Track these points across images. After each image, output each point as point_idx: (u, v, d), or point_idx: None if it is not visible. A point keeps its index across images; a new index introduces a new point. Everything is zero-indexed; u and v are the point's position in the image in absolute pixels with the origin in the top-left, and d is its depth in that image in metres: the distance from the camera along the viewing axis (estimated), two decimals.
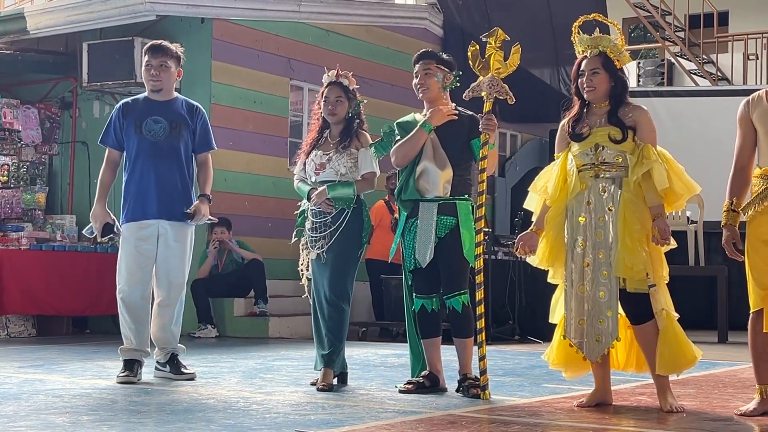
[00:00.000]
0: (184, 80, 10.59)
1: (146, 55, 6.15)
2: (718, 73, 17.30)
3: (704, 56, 17.49)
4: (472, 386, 5.45)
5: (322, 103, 5.97)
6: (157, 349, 6.19)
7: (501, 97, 5.48)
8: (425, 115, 5.73)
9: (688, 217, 11.39)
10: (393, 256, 6.02)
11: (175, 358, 6.16)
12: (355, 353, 7.98)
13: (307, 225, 5.94)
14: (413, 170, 5.69)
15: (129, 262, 6.05)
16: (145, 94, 6.24)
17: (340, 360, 5.84)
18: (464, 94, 5.57)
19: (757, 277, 4.80)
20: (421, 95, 5.75)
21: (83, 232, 6.36)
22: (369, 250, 10.88)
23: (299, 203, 6.08)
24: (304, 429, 4.30)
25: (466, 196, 5.67)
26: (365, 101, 6.10)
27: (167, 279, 6.10)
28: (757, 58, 16.79)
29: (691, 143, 11.93)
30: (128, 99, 6.27)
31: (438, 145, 5.67)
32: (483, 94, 5.47)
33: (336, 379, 5.86)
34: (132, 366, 6.00)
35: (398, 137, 5.77)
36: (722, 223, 4.89)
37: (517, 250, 5.25)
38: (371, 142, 5.93)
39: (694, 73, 17.36)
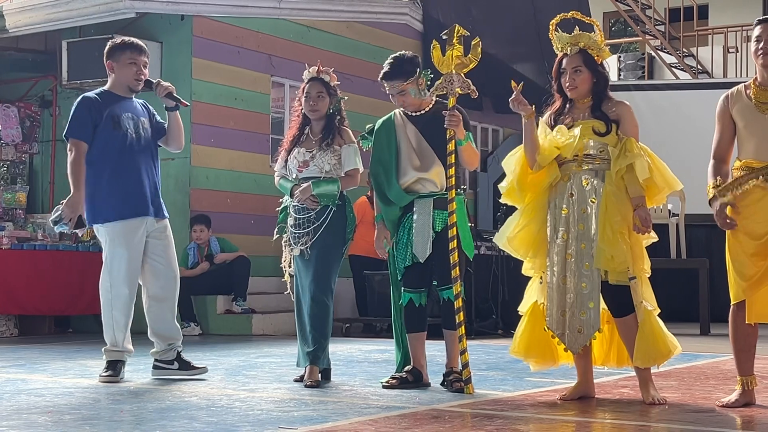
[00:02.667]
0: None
1: (129, 52, 6.06)
2: (699, 67, 17.37)
3: (684, 50, 17.56)
4: (456, 380, 5.46)
5: (303, 99, 5.95)
6: (158, 347, 6.13)
7: (463, 92, 5.48)
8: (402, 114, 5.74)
9: (669, 210, 11.43)
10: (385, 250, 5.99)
11: (180, 354, 6.13)
12: (338, 349, 7.98)
13: (290, 222, 5.93)
14: (396, 182, 5.68)
15: (129, 263, 5.97)
16: (105, 89, 6.14)
17: (325, 356, 5.84)
18: (429, 93, 5.60)
19: (739, 268, 4.82)
20: (403, 110, 5.80)
21: (49, 220, 6.12)
22: (352, 246, 10.85)
23: (281, 200, 6.07)
24: (288, 426, 4.29)
25: (459, 190, 5.66)
26: (346, 98, 6.09)
27: (163, 274, 6.07)
28: (737, 51, 16.85)
29: (671, 136, 11.97)
30: (91, 94, 6.14)
31: (423, 145, 5.66)
32: (445, 90, 5.48)
33: (319, 375, 5.86)
34: (116, 366, 5.98)
35: (369, 143, 5.85)
36: (709, 198, 4.89)
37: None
38: (353, 138, 5.94)
39: (675, 67, 17.42)
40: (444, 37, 5.52)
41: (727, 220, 4.84)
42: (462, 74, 5.48)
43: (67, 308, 10.39)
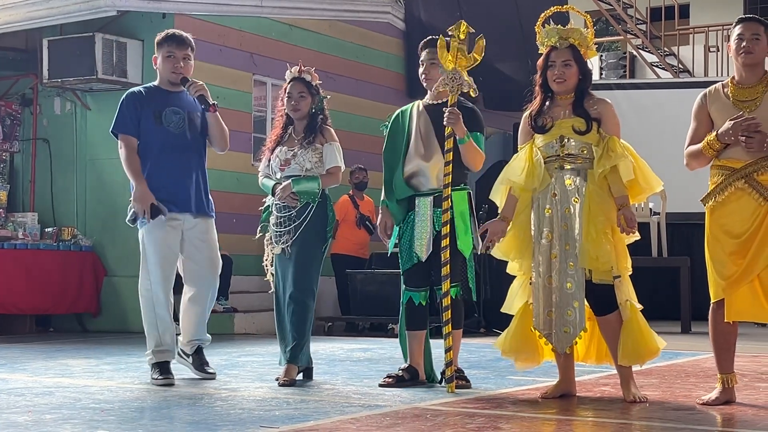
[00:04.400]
0: (147, 76, 10.56)
1: (167, 45, 5.98)
2: (680, 66, 17.43)
3: (666, 49, 17.61)
4: (457, 378, 5.46)
5: (285, 100, 5.96)
6: (182, 339, 6.10)
7: (464, 90, 5.48)
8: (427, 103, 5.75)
9: (650, 209, 11.47)
10: (392, 248, 5.98)
11: (201, 351, 6.09)
12: (320, 348, 7.98)
13: (272, 220, 5.94)
14: (401, 170, 5.68)
15: (161, 259, 5.88)
16: (154, 84, 6.09)
17: (303, 355, 5.84)
18: (433, 89, 5.59)
19: (718, 268, 4.84)
20: (425, 84, 5.77)
21: (126, 221, 5.96)
22: (334, 245, 10.86)
23: (264, 199, 6.07)
24: (269, 425, 4.29)
25: (462, 185, 5.66)
26: (329, 97, 6.09)
27: (197, 276, 6.01)
28: (718, 50, 16.91)
29: (653, 135, 12.00)
30: (137, 89, 6.10)
31: (430, 135, 5.66)
32: (447, 87, 5.48)
33: (301, 374, 5.87)
34: (167, 367, 5.87)
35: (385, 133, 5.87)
36: (714, 139, 4.80)
37: (485, 240, 5.23)
38: (335, 137, 5.94)
39: (656, 66, 17.47)
40: (450, 32, 5.51)
41: (746, 122, 4.73)
42: (464, 72, 5.48)
43: (48, 308, 10.34)
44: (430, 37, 5.80)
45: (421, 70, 5.76)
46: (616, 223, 4.99)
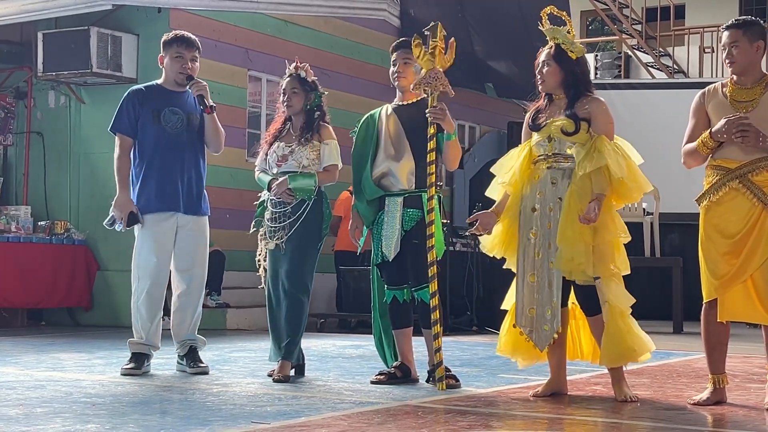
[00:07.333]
0: (141, 71, 10.56)
1: (176, 46, 6.04)
2: (675, 66, 17.45)
3: (661, 49, 17.64)
4: (447, 377, 5.46)
5: (280, 95, 5.99)
6: (176, 343, 6.14)
7: (443, 90, 5.47)
8: (396, 104, 5.76)
9: (644, 209, 11.48)
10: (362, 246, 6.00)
11: (194, 350, 6.11)
12: (312, 345, 7.98)
13: (267, 215, 5.94)
14: (369, 171, 5.68)
15: (154, 256, 5.96)
16: (157, 83, 6.14)
17: (298, 352, 5.84)
18: (411, 89, 5.59)
19: (711, 267, 4.84)
20: (397, 83, 5.77)
21: (104, 223, 6.10)
22: (338, 242, 10.86)
23: (259, 194, 6.07)
24: (261, 420, 4.29)
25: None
26: (326, 93, 6.09)
27: (189, 271, 6.07)
28: (713, 51, 16.93)
29: (647, 135, 12.01)
30: (139, 87, 6.17)
31: (400, 136, 5.67)
32: (426, 88, 5.48)
33: (293, 370, 5.87)
34: (139, 359, 5.96)
35: (354, 136, 5.86)
36: (707, 138, 4.81)
37: (474, 228, 5.24)
38: (333, 135, 5.94)
39: (651, 66, 17.50)
40: (426, 32, 5.51)
41: (739, 121, 4.72)
42: (443, 72, 5.48)
43: (40, 301, 10.33)
44: (403, 38, 5.82)
45: (393, 69, 5.76)
46: (596, 226, 4.95)
